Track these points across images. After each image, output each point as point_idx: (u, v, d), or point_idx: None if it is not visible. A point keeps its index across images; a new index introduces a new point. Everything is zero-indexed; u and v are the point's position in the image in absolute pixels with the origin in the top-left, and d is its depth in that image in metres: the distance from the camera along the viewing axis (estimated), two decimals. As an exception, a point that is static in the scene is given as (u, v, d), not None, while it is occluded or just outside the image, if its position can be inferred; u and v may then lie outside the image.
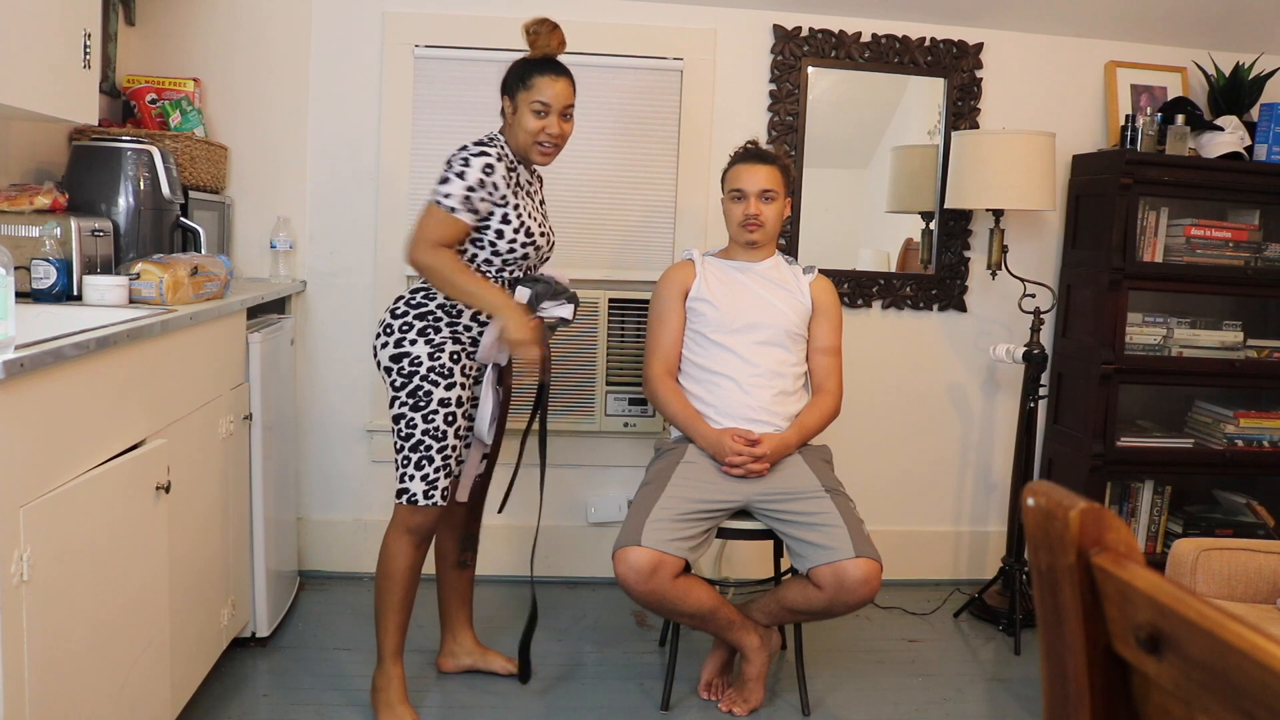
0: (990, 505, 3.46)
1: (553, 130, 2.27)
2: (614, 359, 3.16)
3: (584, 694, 2.53)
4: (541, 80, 2.26)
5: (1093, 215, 3.16)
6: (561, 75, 2.29)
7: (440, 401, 2.25)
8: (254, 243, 3.06)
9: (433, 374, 2.25)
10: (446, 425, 2.26)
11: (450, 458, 2.27)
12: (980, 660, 2.88)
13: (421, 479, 2.25)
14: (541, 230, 2.32)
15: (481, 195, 2.20)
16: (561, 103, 2.28)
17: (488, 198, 2.21)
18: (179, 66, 2.97)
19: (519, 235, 2.25)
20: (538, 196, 2.41)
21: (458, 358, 2.28)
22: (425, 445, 2.25)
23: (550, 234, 2.39)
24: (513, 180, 2.26)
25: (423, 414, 2.25)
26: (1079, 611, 0.70)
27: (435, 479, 2.26)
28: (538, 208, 2.35)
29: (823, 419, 2.58)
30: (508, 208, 2.23)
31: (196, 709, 2.25)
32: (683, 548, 2.29)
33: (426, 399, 2.25)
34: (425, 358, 2.25)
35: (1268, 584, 2.08)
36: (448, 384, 2.26)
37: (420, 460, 2.25)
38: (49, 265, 2.04)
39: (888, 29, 3.20)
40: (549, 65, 2.29)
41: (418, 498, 2.26)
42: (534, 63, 2.29)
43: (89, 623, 1.63)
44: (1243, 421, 3.18)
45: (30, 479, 1.45)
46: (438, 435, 2.25)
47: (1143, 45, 3.31)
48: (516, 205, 2.25)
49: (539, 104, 2.25)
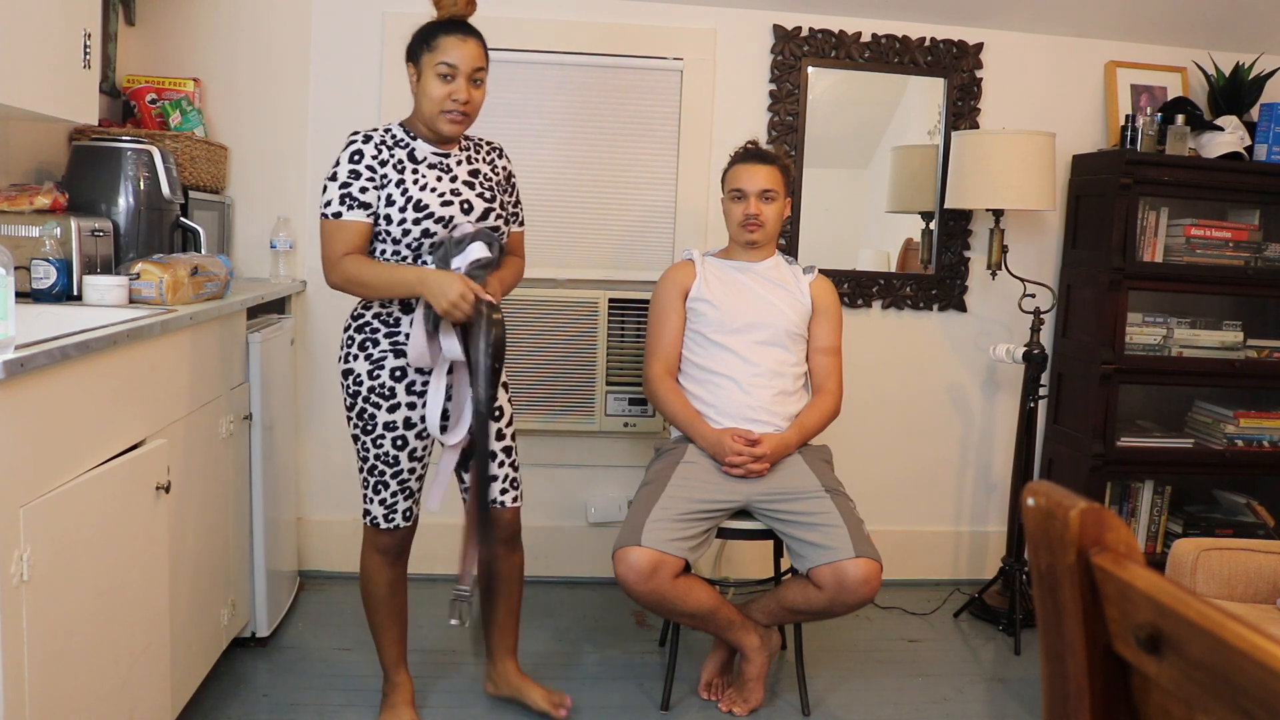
0: (990, 505, 3.46)
1: (460, 95, 2.06)
2: (614, 359, 3.16)
3: (584, 694, 2.53)
4: (447, 40, 2.06)
5: (1093, 215, 3.16)
6: (470, 35, 2.09)
7: (385, 425, 2.13)
8: (254, 243, 3.06)
9: (374, 395, 2.13)
10: (396, 450, 2.15)
11: (408, 480, 2.18)
12: (980, 660, 2.88)
13: (379, 503, 2.18)
14: (444, 200, 2.10)
15: (361, 185, 2.07)
16: (470, 65, 2.07)
17: (370, 185, 2.07)
18: (179, 66, 2.97)
19: (408, 211, 2.07)
20: (454, 171, 2.15)
21: (402, 374, 2.13)
22: (378, 470, 2.16)
23: (471, 202, 2.13)
24: (394, 158, 2.10)
25: (371, 439, 2.15)
26: (1079, 611, 0.70)
27: (394, 503, 2.18)
28: (450, 182, 2.13)
29: (823, 419, 2.58)
30: (389, 186, 2.08)
31: (196, 709, 2.25)
32: (683, 548, 2.29)
33: (371, 423, 2.14)
34: (365, 376, 2.14)
35: (1268, 584, 2.08)
36: (390, 405, 2.13)
37: (376, 484, 2.17)
38: (49, 265, 2.04)
39: (888, 29, 3.20)
40: (456, 25, 2.09)
41: (379, 521, 2.19)
42: (440, 24, 2.09)
43: (89, 623, 1.63)
44: (1243, 421, 3.18)
45: (30, 479, 1.45)
46: (388, 460, 2.15)
47: (1143, 45, 3.32)
48: (400, 181, 2.08)
49: (444, 65, 2.05)
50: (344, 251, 2.07)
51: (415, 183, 2.09)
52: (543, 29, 3.07)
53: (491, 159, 2.25)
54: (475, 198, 2.14)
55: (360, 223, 2.08)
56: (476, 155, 2.22)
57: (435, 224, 2.09)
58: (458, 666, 2.64)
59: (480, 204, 2.15)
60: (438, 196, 2.09)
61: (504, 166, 2.27)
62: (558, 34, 3.09)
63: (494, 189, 2.20)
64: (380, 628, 2.28)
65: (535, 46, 3.08)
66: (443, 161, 2.15)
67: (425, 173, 2.11)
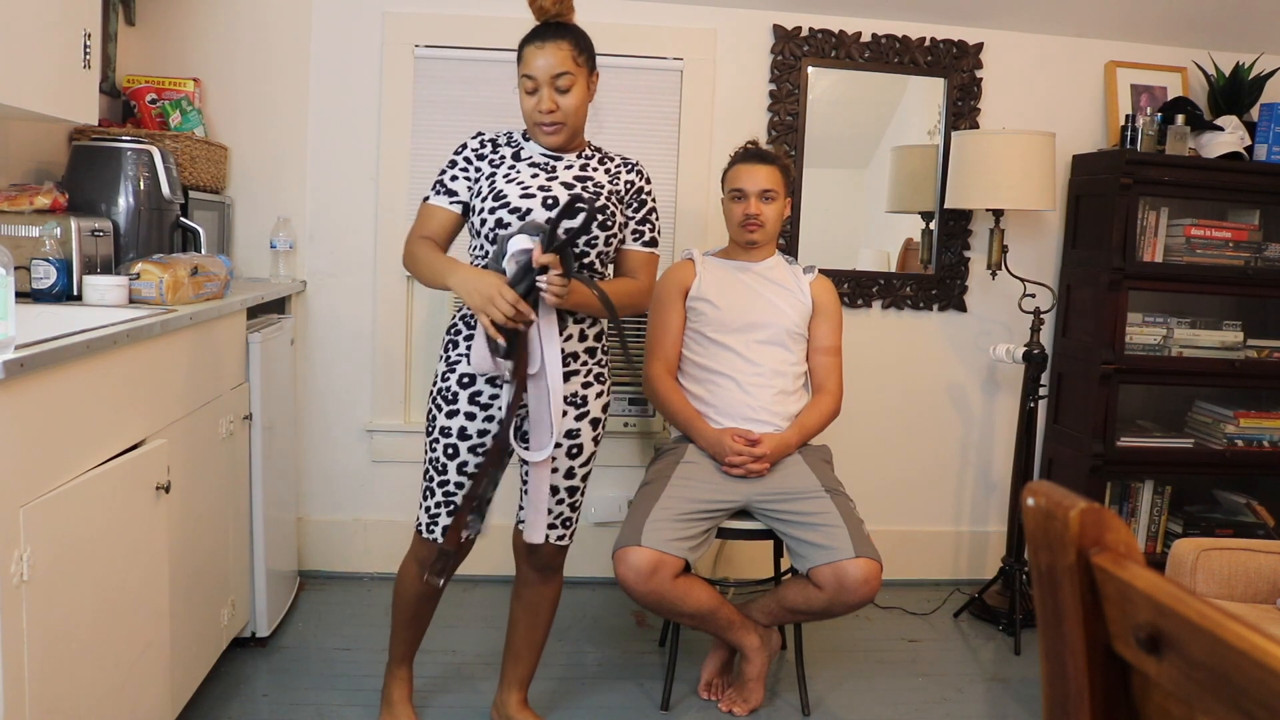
0: (990, 505, 3.46)
1: (544, 106, 1.98)
2: (614, 359, 3.15)
3: (584, 694, 2.53)
4: (527, 50, 2.00)
5: (1093, 215, 3.16)
6: (548, 40, 1.97)
7: (441, 430, 2.06)
8: (254, 243, 3.06)
9: (439, 397, 2.08)
10: (446, 458, 2.06)
11: (454, 494, 2.07)
12: (980, 660, 2.88)
13: (424, 510, 2.12)
14: (525, 192, 1.98)
15: (453, 174, 2.05)
16: (549, 73, 1.97)
17: (461, 175, 2.06)
18: (179, 66, 2.97)
19: (487, 201, 1.99)
20: (558, 174, 2.04)
21: (469, 381, 2.05)
22: (428, 475, 2.10)
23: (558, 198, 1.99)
24: (498, 155, 2.06)
25: (430, 440, 2.10)
26: (1079, 611, 0.70)
27: (436, 514, 2.09)
28: (547, 181, 2.02)
29: (823, 419, 2.58)
30: (482, 180, 2.03)
31: (196, 709, 2.25)
32: (683, 548, 2.29)
33: (433, 425, 2.09)
34: (439, 377, 2.09)
35: (1268, 584, 2.08)
36: (449, 410, 2.05)
37: (425, 489, 2.11)
38: (49, 265, 2.04)
39: (888, 29, 3.20)
40: (537, 33, 2.01)
41: (421, 528, 2.13)
42: (531, 31, 2.02)
43: (89, 623, 1.63)
44: (1243, 421, 3.18)
45: (30, 479, 1.45)
46: (438, 467, 2.08)
47: (1143, 45, 3.32)
48: (492, 175, 2.03)
49: (526, 79, 2.00)
50: (420, 234, 2.05)
51: (505, 176, 2.02)
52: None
53: (617, 171, 2.11)
54: (562, 192, 2.00)
55: (442, 208, 2.06)
56: (599, 165, 2.09)
57: (510, 214, 1.97)
58: (466, 680, 2.63)
59: (566, 198, 1.99)
60: (519, 188, 1.99)
61: (630, 181, 2.12)
62: (558, 34, 3.09)
63: (601, 194, 2.04)
64: (399, 624, 2.25)
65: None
66: (549, 163, 2.06)
67: (523, 170, 2.03)
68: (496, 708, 2.32)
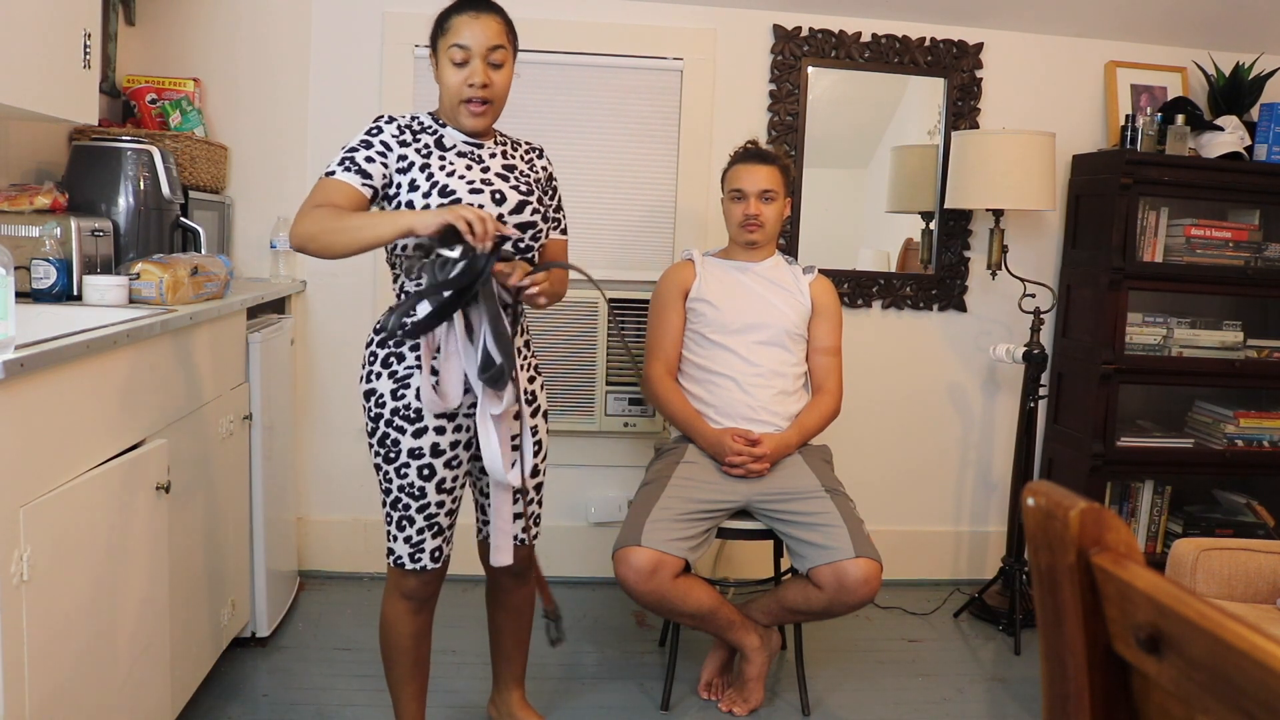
0: (990, 505, 3.46)
1: (475, 79, 1.85)
2: (614, 359, 3.16)
3: (584, 694, 2.53)
4: (459, 20, 1.86)
5: (1093, 215, 3.16)
6: (484, 12, 1.87)
7: (410, 453, 1.90)
8: (254, 243, 3.06)
9: (397, 418, 1.89)
10: (423, 480, 1.91)
11: (436, 516, 1.94)
12: (980, 660, 2.88)
13: (405, 541, 1.94)
14: (473, 187, 1.88)
15: (367, 155, 1.86)
16: (484, 44, 1.85)
17: (378, 157, 1.86)
18: (179, 66, 2.97)
19: (432, 197, 1.85)
20: (485, 162, 1.95)
21: None
22: (403, 504, 1.92)
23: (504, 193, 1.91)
24: (419, 142, 1.91)
25: (394, 468, 1.91)
26: (1079, 611, 0.70)
27: (420, 541, 1.94)
28: (482, 171, 1.93)
29: (823, 419, 2.58)
30: (412, 171, 1.87)
31: (196, 709, 2.25)
32: (683, 548, 2.29)
33: (394, 450, 1.90)
34: (389, 396, 1.90)
35: (1268, 584, 2.08)
36: (416, 429, 1.89)
37: (400, 520, 1.93)
38: (49, 265, 2.04)
39: (888, 29, 3.20)
40: (468, 2, 1.89)
41: (404, 561, 1.96)
42: (456, 3, 1.90)
43: (89, 622, 1.63)
44: (1243, 421, 3.18)
45: (30, 479, 1.45)
46: (414, 493, 1.91)
47: (1143, 45, 3.32)
48: (425, 165, 1.88)
49: (456, 48, 1.85)
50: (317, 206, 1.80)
51: (442, 169, 1.88)
52: (543, 29, 3.07)
53: (530, 158, 2.06)
54: (509, 189, 1.93)
55: (352, 187, 1.83)
56: (513, 152, 2.03)
57: None
58: (465, 680, 2.63)
59: (515, 196, 1.93)
60: (466, 184, 1.88)
61: (544, 167, 2.08)
62: (558, 34, 3.09)
63: (531, 185, 1.99)
64: (399, 682, 2.05)
65: (535, 46, 3.07)
66: (474, 151, 1.96)
67: (454, 160, 1.91)
68: (495, 706, 2.32)
